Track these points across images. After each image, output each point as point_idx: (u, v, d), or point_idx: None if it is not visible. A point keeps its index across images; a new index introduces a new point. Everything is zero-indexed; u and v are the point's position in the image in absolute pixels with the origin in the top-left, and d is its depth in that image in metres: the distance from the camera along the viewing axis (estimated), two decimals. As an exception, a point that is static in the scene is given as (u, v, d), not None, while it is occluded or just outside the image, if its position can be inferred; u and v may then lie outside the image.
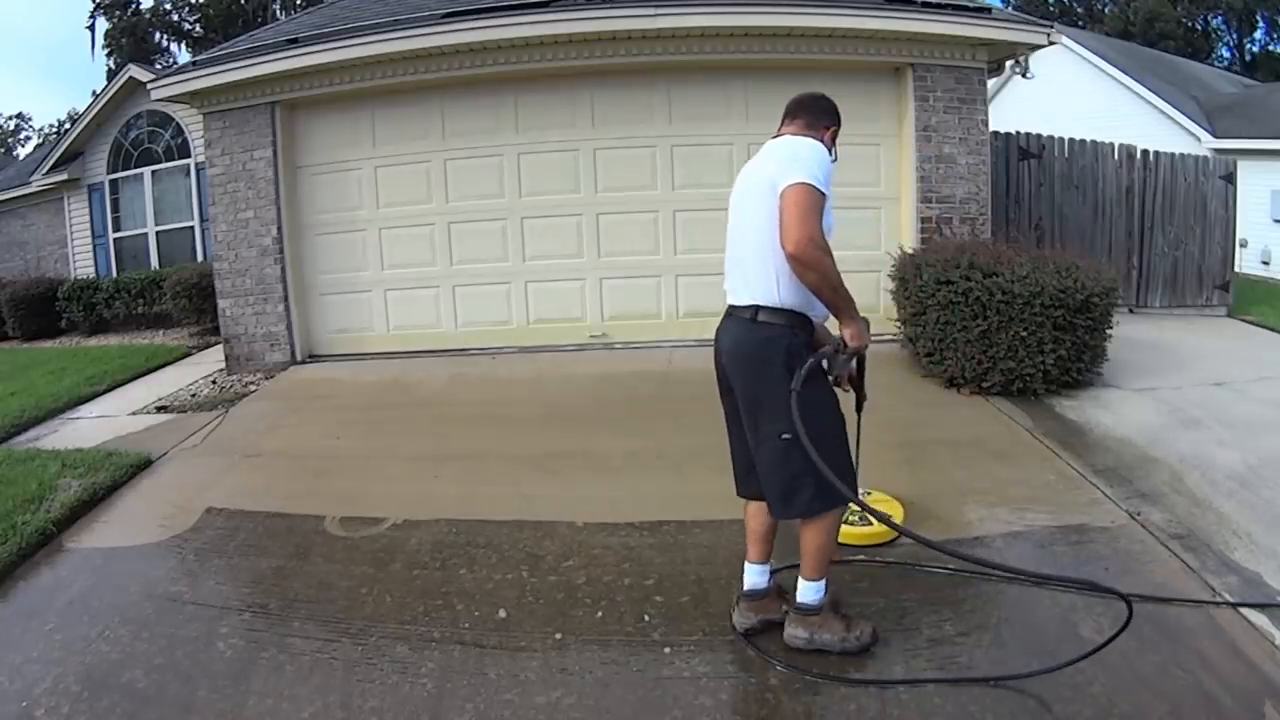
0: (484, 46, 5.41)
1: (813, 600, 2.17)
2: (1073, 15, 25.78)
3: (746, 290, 2.12)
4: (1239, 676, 2.03)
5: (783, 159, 2.07)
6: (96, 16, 24.41)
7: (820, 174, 2.00)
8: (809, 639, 2.16)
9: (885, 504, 2.97)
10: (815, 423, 1.97)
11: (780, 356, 2.03)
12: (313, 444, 4.28)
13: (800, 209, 1.93)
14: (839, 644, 2.16)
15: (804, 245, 1.91)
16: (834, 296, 2.01)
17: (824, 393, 2.11)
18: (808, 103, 2.33)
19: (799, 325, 2.08)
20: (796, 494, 2.06)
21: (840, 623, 2.18)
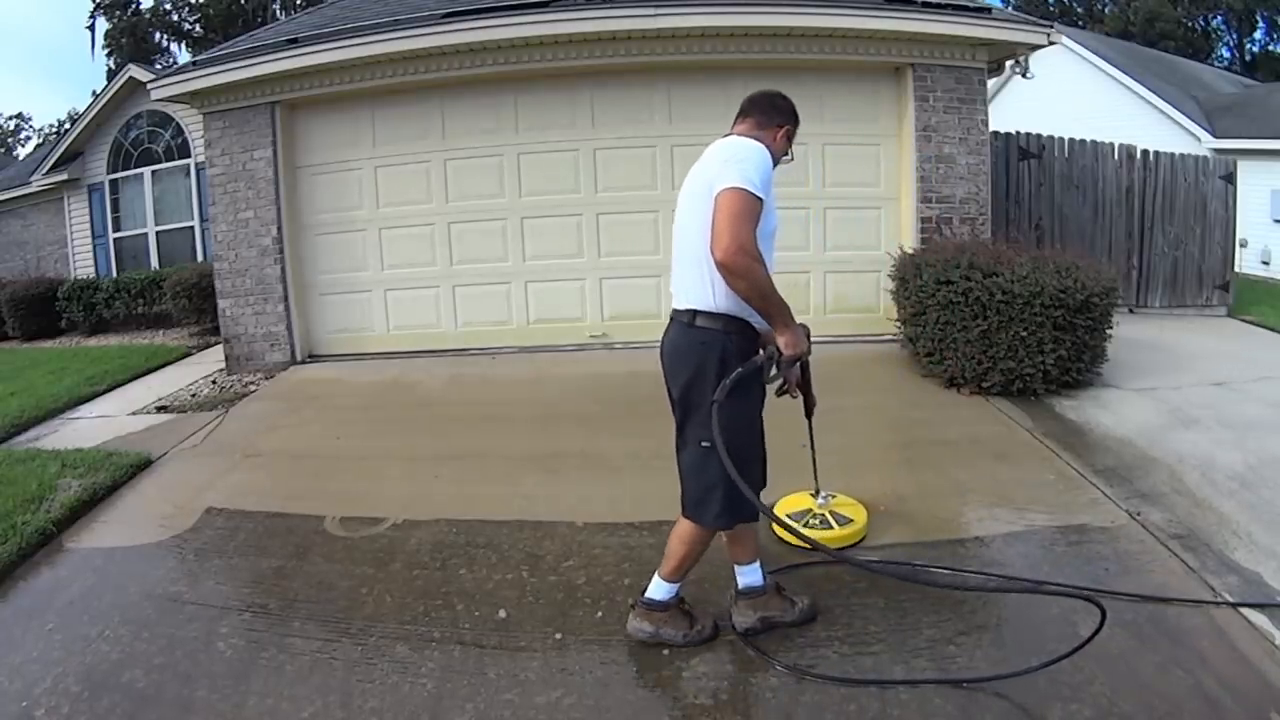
0: (484, 46, 5.41)
1: (660, 597, 2.23)
2: (1073, 15, 25.78)
3: (684, 294, 2.11)
4: (1239, 676, 2.03)
5: (721, 161, 2.03)
6: (96, 16, 24.43)
7: (757, 178, 1.95)
8: (653, 633, 2.21)
9: (850, 507, 2.94)
10: (733, 435, 1.98)
11: (714, 362, 2.02)
12: (313, 444, 4.28)
13: (731, 215, 1.89)
14: (683, 639, 2.22)
15: (732, 253, 1.87)
16: (765, 305, 1.98)
17: (749, 405, 2.09)
18: (760, 101, 2.27)
19: (736, 330, 2.05)
20: (708, 505, 2.08)
21: (684, 619, 2.24)
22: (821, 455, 3.65)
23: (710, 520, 2.10)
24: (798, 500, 2.99)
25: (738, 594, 2.31)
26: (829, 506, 2.93)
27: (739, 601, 2.30)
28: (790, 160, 2.31)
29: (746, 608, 2.28)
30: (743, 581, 2.30)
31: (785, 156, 2.27)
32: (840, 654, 2.19)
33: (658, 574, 2.25)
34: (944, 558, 2.69)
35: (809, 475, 3.44)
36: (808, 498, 2.97)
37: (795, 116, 2.29)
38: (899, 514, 3.04)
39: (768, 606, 2.28)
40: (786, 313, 2.02)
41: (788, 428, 3.97)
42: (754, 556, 2.30)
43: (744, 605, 2.28)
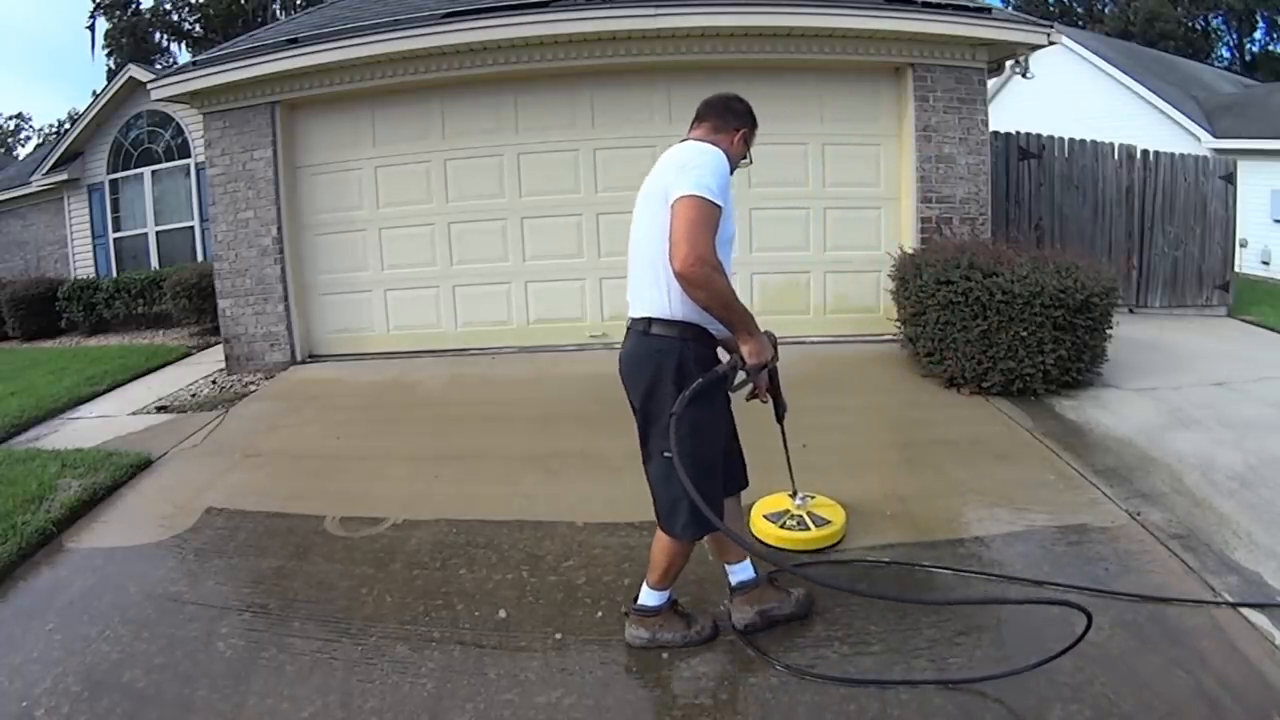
0: (484, 46, 5.41)
1: (652, 603, 2.23)
2: (1073, 15, 25.79)
3: (640, 302, 2.08)
4: (1239, 676, 2.03)
5: (677, 167, 1.98)
6: (96, 17, 24.44)
7: (713, 184, 1.91)
8: (651, 638, 2.21)
9: (828, 509, 2.93)
10: (697, 444, 1.98)
11: (671, 371, 1.99)
12: (313, 444, 4.28)
13: (689, 224, 1.86)
14: (681, 640, 2.22)
15: (691, 263, 1.83)
16: (727, 314, 1.94)
17: (713, 414, 2.06)
18: (716, 105, 2.25)
19: (694, 338, 2.03)
20: (676, 515, 2.07)
21: (681, 621, 2.24)
22: (821, 455, 3.67)
23: (680, 531, 2.08)
24: (776, 501, 2.98)
25: (732, 591, 2.31)
26: (807, 508, 2.91)
27: (734, 599, 2.30)
28: (749, 163, 2.30)
29: (743, 604, 2.28)
30: (734, 579, 2.30)
31: (744, 160, 2.26)
32: (840, 654, 2.19)
33: (645, 582, 2.24)
34: (944, 558, 2.69)
35: (809, 475, 3.45)
36: (786, 499, 2.95)
37: (752, 119, 2.28)
38: (899, 514, 3.04)
39: (763, 599, 2.28)
40: (749, 320, 1.99)
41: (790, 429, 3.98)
42: (742, 555, 2.29)
43: (740, 602, 2.28)
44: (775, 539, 2.80)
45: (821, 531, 2.80)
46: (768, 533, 2.83)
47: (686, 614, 2.27)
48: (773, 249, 5.84)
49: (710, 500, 2.00)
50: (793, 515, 2.87)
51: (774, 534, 2.81)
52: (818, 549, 2.76)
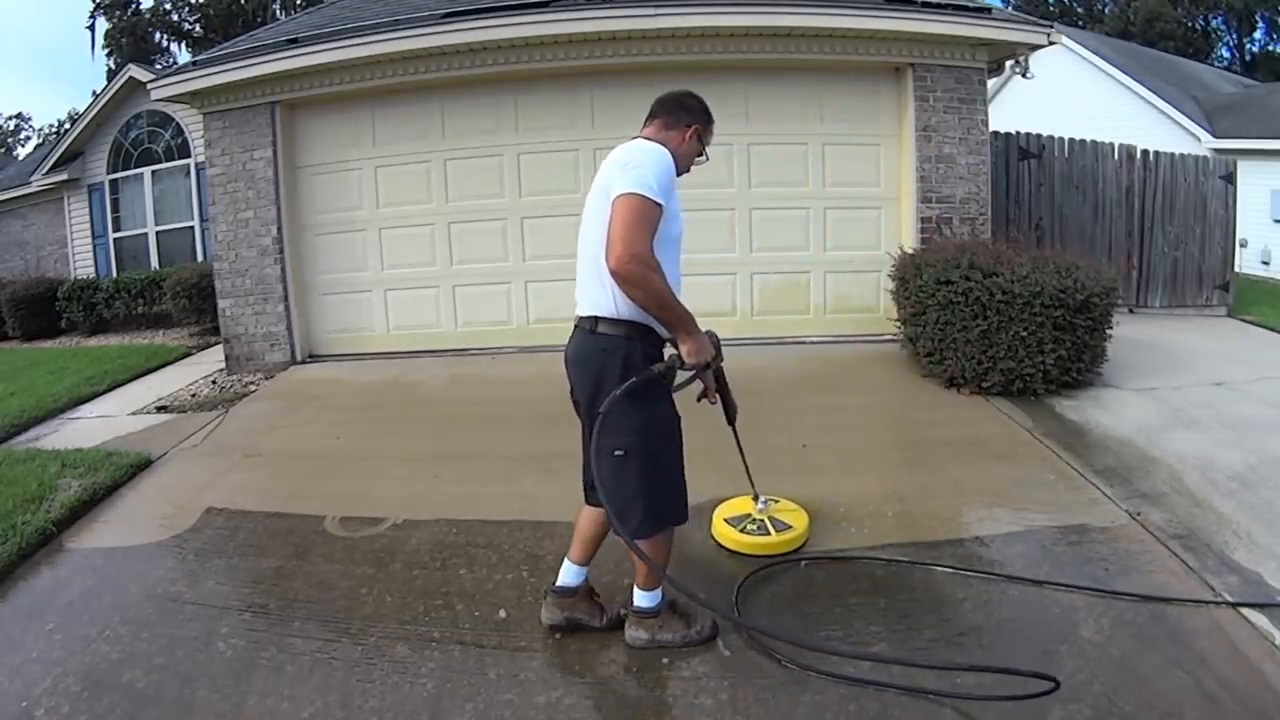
0: (484, 46, 5.41)
1: (649, 605, 2.23)
2: (1073, 15, 25.79)
3: (587, 301, 2.08)
4: (1239, 676, 2.03)
5: (620, 166, 1.98)
6: (96, 17, 24.44)
7: (654, 182, 1.91)
8: (650, 639, 2.21)
9: (792, 513, 2.91)
10: (651, 441, 1.99)
11: (617, 369, 1.99)
12: (313, 444, 4.28)
13: (625, 223, 1.86)
14: (681, 640, 2.22)
15: (625, 261, 1.83)
16: (663, 313, 1.95)
17: (660, 412, 2.06)
18: (668, 102, 2.24)
19: (641, 337, 2.02)
20: (631, 515, 2.06)
21: (680, 621, 2.24)
22: (821, 455, 3.67)
23: (634, 529, 2.07)
24: (738, 505, 2.96)
25: (550, 590, 2.34)
26: (768, 512, 2.89)
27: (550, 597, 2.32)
28: (705, 161, 2.29)
29: (554, 606, 2.31)
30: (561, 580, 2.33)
31: (700, 158, 2.26)
32: (841, 654, 2.19)
33: (635, 585, 2.24)
34: (943, 558, 2.69)
35: (809, 475, 3.45)
36: (748, 502, 2.94)
37: (706, 116, 2.25)
38: (899, 514, 3.04)
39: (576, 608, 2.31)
40: (687, 320, 1.99)
41: (790, 429, 3.99)
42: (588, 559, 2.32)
43: (552, 601, 2.31)
44: (734, 543, 2.78)
45: (782, 536, 2.76)
46: (727, 536, 2.81)
47: (686, 613, 2.27)
48: (773, 249, 5.85)
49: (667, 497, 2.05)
50: (754, 519, 2.85)
51: (733, 538, 2.79)
52: (778, 554, 2.73)
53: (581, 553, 2.32)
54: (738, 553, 2.76)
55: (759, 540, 2.75)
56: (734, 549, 2.77)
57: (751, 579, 2.58)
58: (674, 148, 2.12)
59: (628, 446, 2.00)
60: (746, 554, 2.74)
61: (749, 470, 2.83)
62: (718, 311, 5.90)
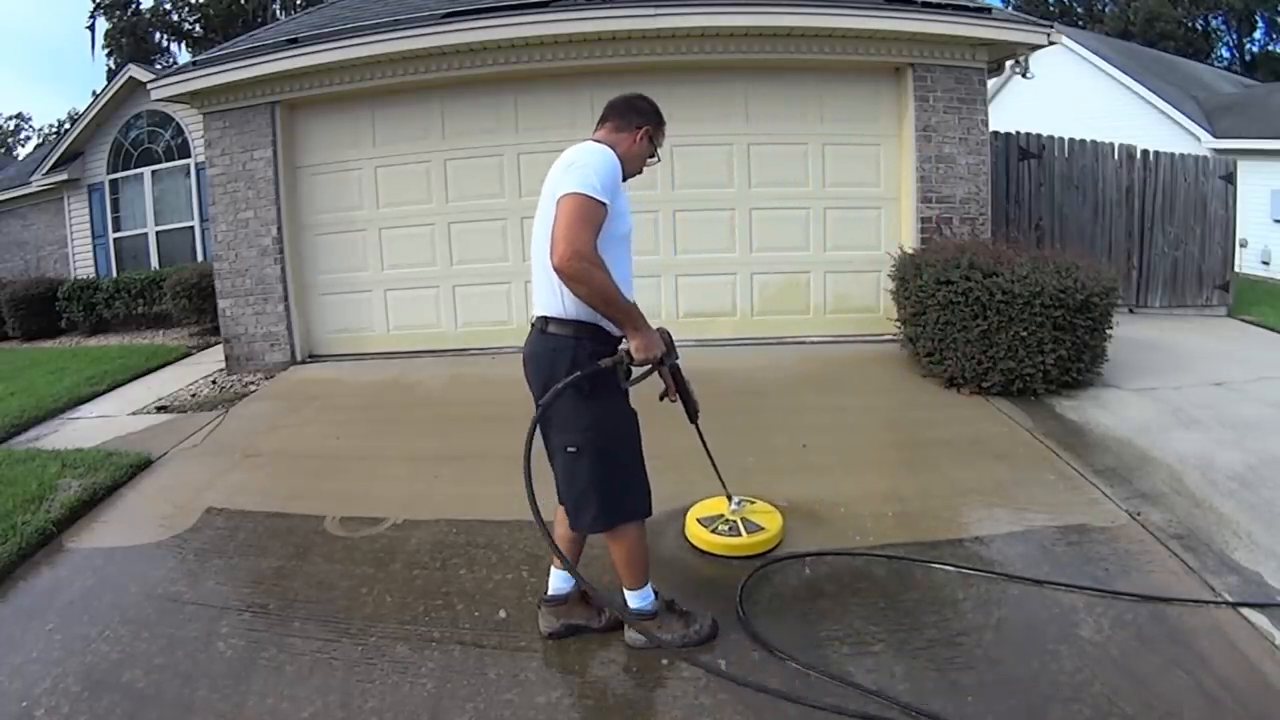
0: (484, 46, 5.41)
1: (643, 606, 2.24)
2: (1073, 15, 25.80)
3: (539, 302, 2.11)
4: (1239, 676, 2.03)
5: (564, 167, 2.01)
6: (96, 17, 24.44)
7: (598, 182, 1.93)
8: (649, 640, 2.21)
9: (765, 515, 2.90)
10: (605, 439, 2.01)
11: (564, 368, 2.01)
12: (313, 444, 4.28)
13: (568, 221, 1.88)
14: (680, 640, 2.21)
15: (567, 259, 1.86)
16: (609, 309, 1.96)
17: (612, 409, 2.07)
18: (618, 104, 2.28)
19: (589, 336, 2.04)
20: (584, 509, 2.09)
21: (679, 621, 2.25)
22: (821, 455, 3.67)
23: (589, 524, 2.10)
24: (713, 505, 2.96)
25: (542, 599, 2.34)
26: (741, 513, 2.89)
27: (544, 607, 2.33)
28: (657, 161, 2.31)
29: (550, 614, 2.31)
30: (552, 587, 2.34)
31: (651, 159, 2.27)
32: (841, 655, 2.19)
33: (624, 588, 2.24)
34: (944, 557, 2.69)
35: (809, 475, 3.45)
36: (722, 503, 2.93)
37: (657, 117, 2.28)
38: (899, 514, 3.04)
39: (572, 614, 2.31)
40: (634, 316, 2.01)
41: (790, 429, 3.99)
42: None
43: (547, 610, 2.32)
44: (705, 544, 2.78)
45: (753, 538, 2.76)
46: (699, 536, 2.81)
47: (685, 613, 2.28)
48: (773, 249, 5.85)
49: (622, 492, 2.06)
50: (726, 520, 2.85)
51: (704, 538, 2.79)
52: (750, 555, 2.73)
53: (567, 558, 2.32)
54: (709, 553, 2.76)
55: (730, 541, 2.75)
56: (705, 549, 2.77)
57: (753, 577, 2.57)
58: (624, 149, 2.16)
59: (579, 444, 2.04)
60: (718, 555, 2.74)
61: (717, 470, 2.83)
62: (718, 311, 5.91)
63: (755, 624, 2.32)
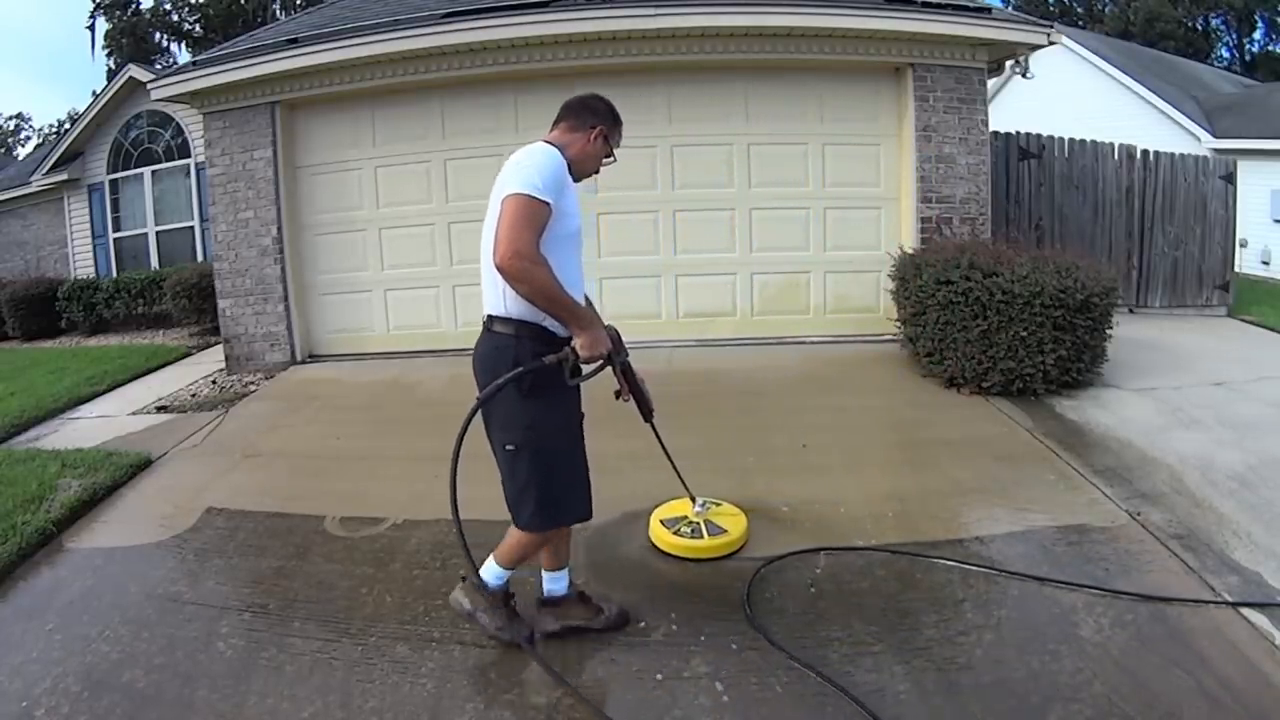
0: (484, 46, 5.41)
1: (491, 580, 2.23)
2: (1073, 15, 25.80)
3: (485, 301, 2.12)
4: (1239, 676, 2.03)
5: (510, 167, 2.02)
6: (96, 17, 24.46)
7: (540, 181, 1.94)
8: (471, 612, 2.23)
9: (730, 517, 2.90)
10: (542, 439, 2.02)
11: (507, 367, 2.01)
12: (313, 444, 4.28)
13: (509, 222, 1.90)
14: (494, 630, 2.24)
15: (508, 259, 1.87)
16: (552, 308, 1.97)
17: (551, 409, 2.07)
18: (573, 105, 2.28)
19: (530, 336, 2.04)
20: (523, 507, 2.09)
21: (503, 614, 2.25)
22: (821, 454, 3.67)
23: (525, 522, 2.11)
24: (677, 507, 2.96)
25: (540, 601, 2.33)
26: (705, 515, 2.88)
27: (542, 609, 2.32)
28: (613, 161, 2.30)
29: (549, 615, 2.31)
30: (546, 588, 2.33)
31: (607, 159, 2.27)
32: (841, 655, 2.19)
33: (492, 555, 2.24)
34: (944, 557, 2.69)
35: (809, 475, 3.45)
36: (686, 505, 2.93)
37: (612, 117, 2.28)
38: (899, 514, 3.04)
39: (570, 614, 2.31)
40: (579, 314, 2.02)
41: (790, 429, 3.99)
42: (562, 563, 2.32)
43: (546, 612, 2.32)
44: (668, 545, 2.78)
45: (715, 540, 2.76)
46: (662, 538, 2.82)
47: (515, 613, 2.28)
48: (773, 249, 5.85)
49: (560, 493, 2.07)
50: (689, 522, 2.85)
51: (667, 540, 2.79)
52: (712, 558, 2.73)
53: (550, 559, 2.33)
54: (671, 555, 2.76)
55: (692, 544, 2.75)
56: (667, 551, 2.78)
57: (755, 576, 2.57)
58: (578, 150, 2.16)
59: (518, 442, 2.05)
60: (680, 557, 2.74)
61: (677, 470, 2.84)
62: (718, 311, 5.91)
63: (759, 621, 2.33)
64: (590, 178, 2.27)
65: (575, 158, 2.15)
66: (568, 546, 2.35)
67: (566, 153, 2.11)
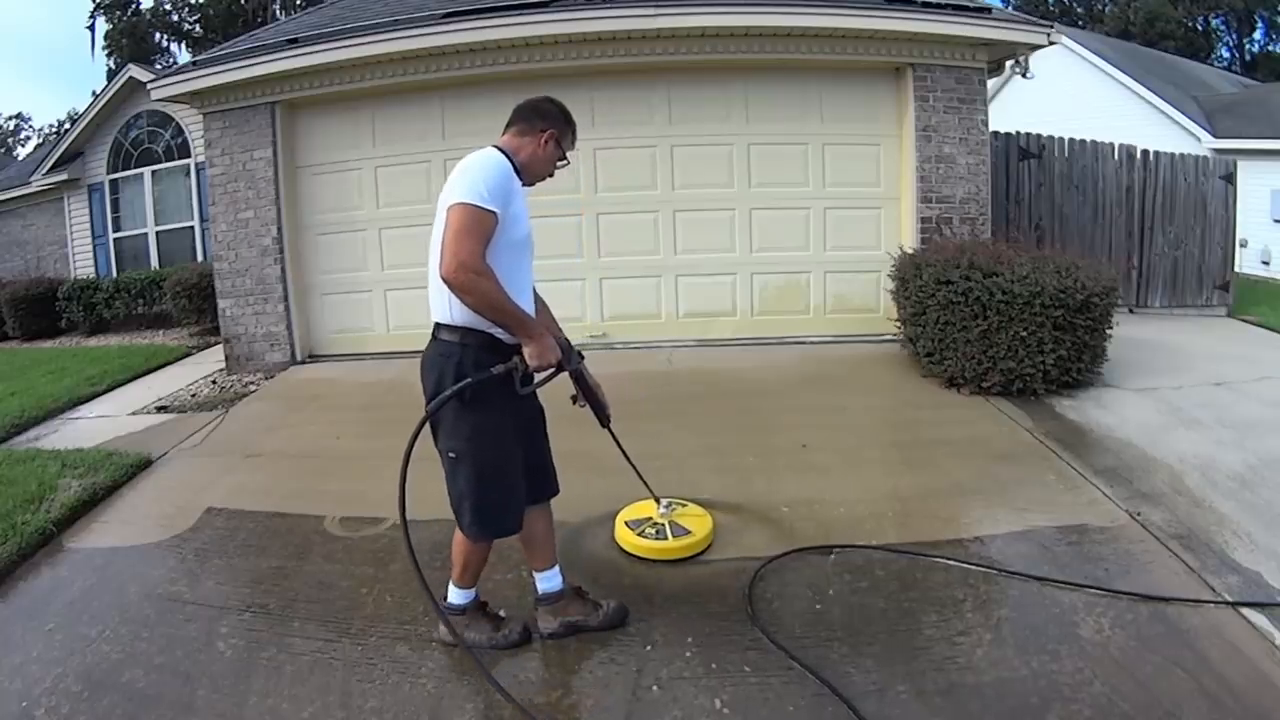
0: (484, 46, 5.41)
1: (458, 602, 2.27)
2: (1073, 15, 25.81)
3: (433, 308, 2.10)
4: (1239, 676, 2.03)
5: (455, 174, 2.00)
6: (96, 17, 24.46)
7: (485, 189, 1.92)
8: (454, 638, 2.20)
9: (695, 518, 2.89)
10: (479, 448, 2.02)
11: (451, 375, 2.01)
12: (313, 444, 4.28)
13: (454, 232, 1.88)
14: (488, 642, 2.25)
15: (453, 270, 1.86)
16: (500, 318, 1.96)
17: (489, 418, 2.05)
18: (525, 108, 2.24)
19: (475, 343, 2.03)
20: (461, 514, 2.10)
21: (489, 623, 2.27)
22: (821, 455, 3.67)
23: (465, 528, 2.11)
24: (642, 508, 2.96)
25: (537, 601, 2.33)
26: (670, 516, 2.88)
27: (539, 608, 2.32)
28: (566, 165, 2.29)
29: (547, 614, 2.30)
30: (540, 587, 2.33)
31: (560, 162, 2.26)
32: (841, 655, 2.19)
33: (451, 580, 2.26)
34: (948, 555, 2.69)
35: (809, 475, 3.45)
36: (651, 506, 2.93)
37: (564, 121, 2.24)
38: (899, 514, 3.04)
39: (567, 611, 2.30)
40: (527, 324, 2.01)
41: (790, 429, 3.99)
42: (549, 562, 2.31)
43: (544, 611, 2.31)
44: (632, 546, 2.78)
45: (680, 542, 2.75)
46: (626, 539, 2.82)
47: (496, 616, 2.30)
48: (773, 249, 5.85)
49: (497, 504, 2.06)
50: (654, 524, 2.85)
51: (631, 541, 2.79)
52: (676, 559, 2.72)
53: (535, 559, 2.33)
54: (635, 556, 2.76)
55: (655, 545, 2.75)
56: (631, 552, 2.78)
57: (756, 576, 2.57)
58: (528, 154, 2.14)
59: (458, 450, 2.06)
60: (644, 558, 2.74)
61: (638, 471, 2.84)
62: (718, 311, 5.91)
63: (759, 621, 2.33)
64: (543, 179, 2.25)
65: (526, 162, 2.13)
66: (549, 544, 2.34)
67: (517, 158, 2.10)
